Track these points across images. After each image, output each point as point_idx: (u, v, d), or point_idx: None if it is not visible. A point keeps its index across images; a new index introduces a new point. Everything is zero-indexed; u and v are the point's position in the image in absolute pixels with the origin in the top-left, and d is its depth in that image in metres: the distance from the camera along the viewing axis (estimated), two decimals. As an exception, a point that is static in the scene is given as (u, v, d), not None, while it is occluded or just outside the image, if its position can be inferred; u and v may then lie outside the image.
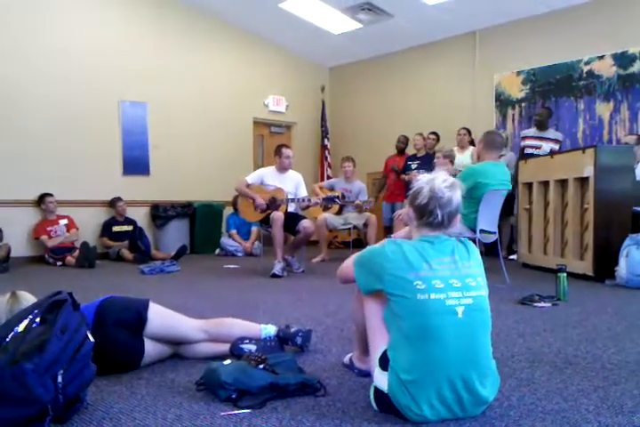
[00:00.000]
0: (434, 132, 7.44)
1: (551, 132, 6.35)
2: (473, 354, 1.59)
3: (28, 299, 1.93)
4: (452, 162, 5.79)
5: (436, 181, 1.71)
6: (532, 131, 6.42)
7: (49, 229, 6.56)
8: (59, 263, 6.40)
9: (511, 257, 6.27)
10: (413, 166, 7.07)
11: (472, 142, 7.09)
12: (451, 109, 8.03)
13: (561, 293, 3.62)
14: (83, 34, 6.99)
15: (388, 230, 7.41)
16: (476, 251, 1.76)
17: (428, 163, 6.72)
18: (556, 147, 6.21)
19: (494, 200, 4.28)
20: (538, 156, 5.97)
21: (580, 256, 4.72)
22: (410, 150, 7.54)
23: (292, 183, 5.46)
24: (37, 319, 1.63)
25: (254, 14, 7.97)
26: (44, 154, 6.68)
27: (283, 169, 5.46)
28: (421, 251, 1.65)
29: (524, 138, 6.44)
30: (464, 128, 7.00)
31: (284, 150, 5.44)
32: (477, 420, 1.61)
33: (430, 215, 1.70)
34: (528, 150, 6.27)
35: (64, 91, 6.83)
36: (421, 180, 1.75)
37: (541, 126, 6.32)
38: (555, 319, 3.04)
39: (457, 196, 1.72)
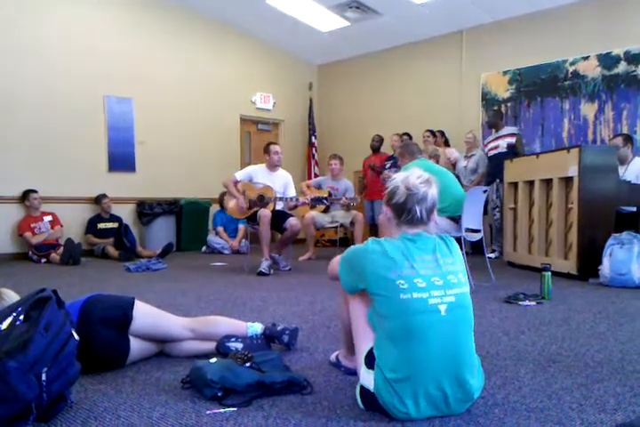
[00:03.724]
0: (406, 133, 7.52)
1: (505, 129, 6.55)
2: (457, 351, 1.60)
3: (11, 296, 1.91)
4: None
5: (411, 178, 1.72)
6: (491, 135, 6.68)
7: (33, 225, 6.49)
8: (43, 260, 6.35)
9: (489, 255, 6.32)
10: (387, 166, 7.19)
11: (447, 143, 7.27)
12: (438, 108, 8.07)
13: (545, 291, 3.66)
14: (68, 28, 6.92)
15: (371, 228, 7.45)
16: (456, 247, 1.77)
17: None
18: (512, 140, 6.37)
19: (477, 198, 4.32)
20: (499, 154, 6.28)
21: (565, 255, 4.76)
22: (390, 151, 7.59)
23: (281, 182, 5.45)
24: (21, 317, 1.62)
25: (242, 11, 7.94)
26: (28, 149, 6.61)
27: (273, 166, 5.46)
28: (403, 249, 1.66)
29: (486, 144, 6.69)
30: (427, 130, 7.26)
31: (273, 147, 5.46)
32: (462, 417, 1.62)
33: (409, 213, 1.70)
34: (490, 153, 6.53)
35: (48, 86, 6.75)
36: (396, 178, 1.75)
37: (495, 127, 6.59)
38: (539, 318, 3.07)
39: (433, 191, 1.72)
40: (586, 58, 6.71)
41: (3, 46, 6.41)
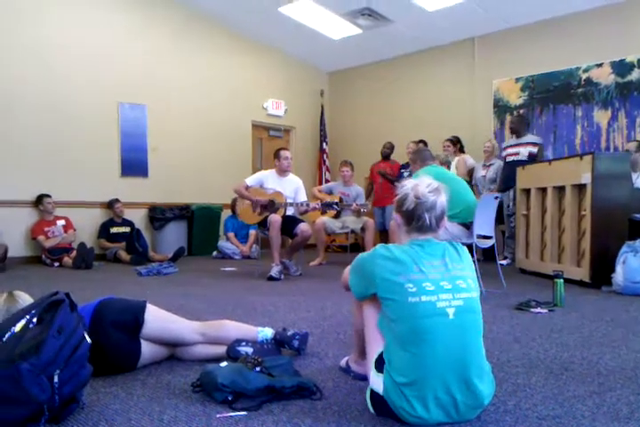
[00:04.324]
0: (422, 141, 7.49)
1: (528, 137, 6.37)
2: (465, 355, 1.60)
3: (24, 299, 1.93)
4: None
5: (420, 187, 1.73)
6: (512, 140, 6.49)
7: (46, 229, 6.55)
8: (56, 264, 6.40)
9: (501, 262, 6.28)
10: (405, 174, 7.18)
11: (462, 150, 7.18)
12: (450, 115, 8.07)
13: (557, 299, 3.63)
14: (83, 34, 7.00)
15: (381, 235, 7.44)
16: (466, 253, 1.78)
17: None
18: (534, 149, 6.23)
19: (488, 204, 4.31)
20: (518, 161, 6.08)
21: (577, 263, 4.72)
22: (403, 159, 7.57)
23: (292, 187, 5.46)
24: (34, 320, 1.63)
25: (255, 18, 7.99)
26: (43, 154, 6.69)
27: (283, 172, 5.47)
28: (412, 254, 1.67)
29: (505, 148, 6.51)
30: (448, 139, 7.16)
31: (282, 152, 5.48)
32: (473, 424, 1.61)
33: (419, 220, 1.72)
34: (509, 158, 6.35)
35: (63, 92, 6.83)
36: (406, 186, 1.77)
37: (517, 133, 6.38)
38: (551, 325, 3.04)
39: (441, 199, 1.74)
40: (599, 65, 6.69)
41: (18, 51, 6.49)
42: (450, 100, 8.15)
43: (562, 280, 3.64)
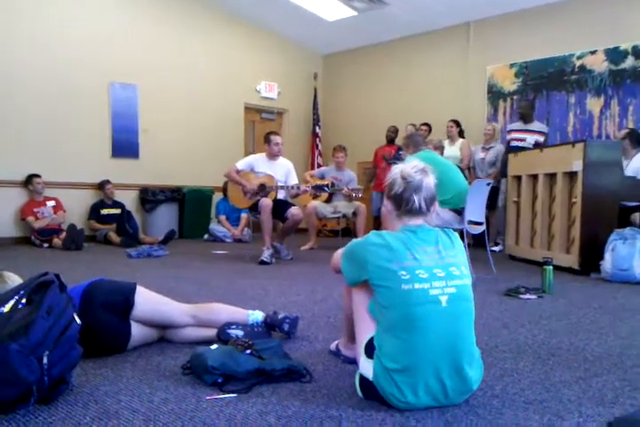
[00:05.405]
0: (426, 123, 7.44)
1: (536, 125, 6.33)
2: (456, 342, 1.61)
3: (14, 280, 1.92)
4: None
5: (407, 168, 1.74)
6: (518, 124, 6.42)
7: (36, 210, 6.51)
8: (45, 245, 6.37)
9: (493, 248, 6.31)
10: (403, 156, 7.11)
11: (461, 134, 7.11)
12: (443, 100, 8.03)
13: (546, 285, 3.66)
14: (75, 13, 6.88)
15: (376, 220, 7.44)
16: (459, 240, 1.78)
17: None
18: (541, 139, 6.20)
19: (480, 190, 4.32)
20: (523, 148, 5.99)
21: (567, 250, 4.76)
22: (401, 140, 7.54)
23: (283, 171, 5.44)
24: (23, 300, 1.62)
25: (249, -2, 7.89)
26: (33, 135, 6.61)
27: (273, 156, 5.44)
28: (405, 241, 1.66)
29: (510, 131, 6.43)
30: (452, 120, 7.02)
31: (273, 137, 5.43)
32: (461, 408, 1.63)
33: (408, 202, 1.72)
34: (513, 143, 6.27)
35: (53, 71, 6.73)
36: (394, 171, 1.78)
37: (526, 119, 6.31)
38: (539, 311, 3.07)
39: (429, 180, 1.73)
40: (593, 52, 6.67)
41: (7, 31, 6.38)
42: (444, 85, 8.10)
43: (551, 267, 3.67)
